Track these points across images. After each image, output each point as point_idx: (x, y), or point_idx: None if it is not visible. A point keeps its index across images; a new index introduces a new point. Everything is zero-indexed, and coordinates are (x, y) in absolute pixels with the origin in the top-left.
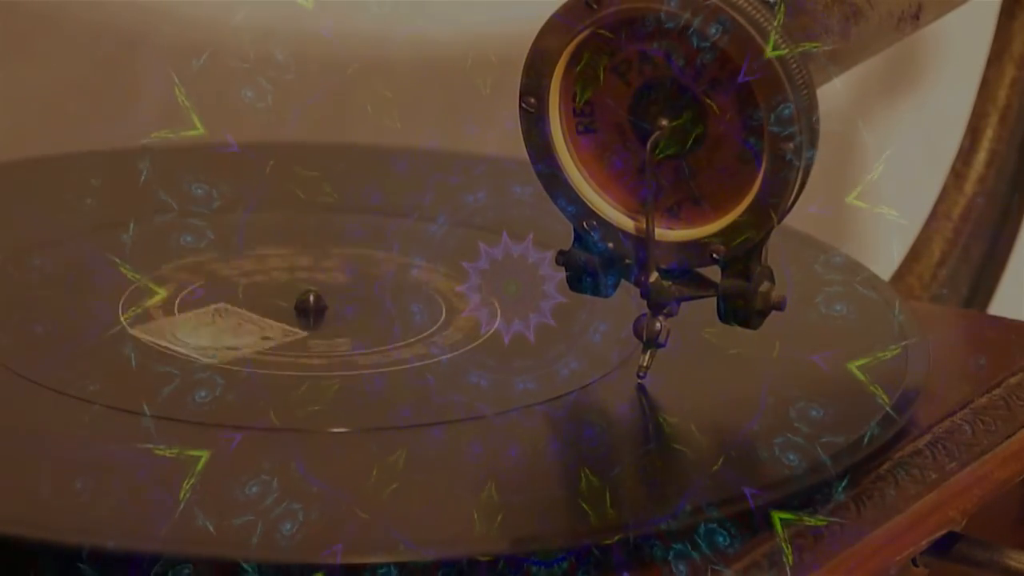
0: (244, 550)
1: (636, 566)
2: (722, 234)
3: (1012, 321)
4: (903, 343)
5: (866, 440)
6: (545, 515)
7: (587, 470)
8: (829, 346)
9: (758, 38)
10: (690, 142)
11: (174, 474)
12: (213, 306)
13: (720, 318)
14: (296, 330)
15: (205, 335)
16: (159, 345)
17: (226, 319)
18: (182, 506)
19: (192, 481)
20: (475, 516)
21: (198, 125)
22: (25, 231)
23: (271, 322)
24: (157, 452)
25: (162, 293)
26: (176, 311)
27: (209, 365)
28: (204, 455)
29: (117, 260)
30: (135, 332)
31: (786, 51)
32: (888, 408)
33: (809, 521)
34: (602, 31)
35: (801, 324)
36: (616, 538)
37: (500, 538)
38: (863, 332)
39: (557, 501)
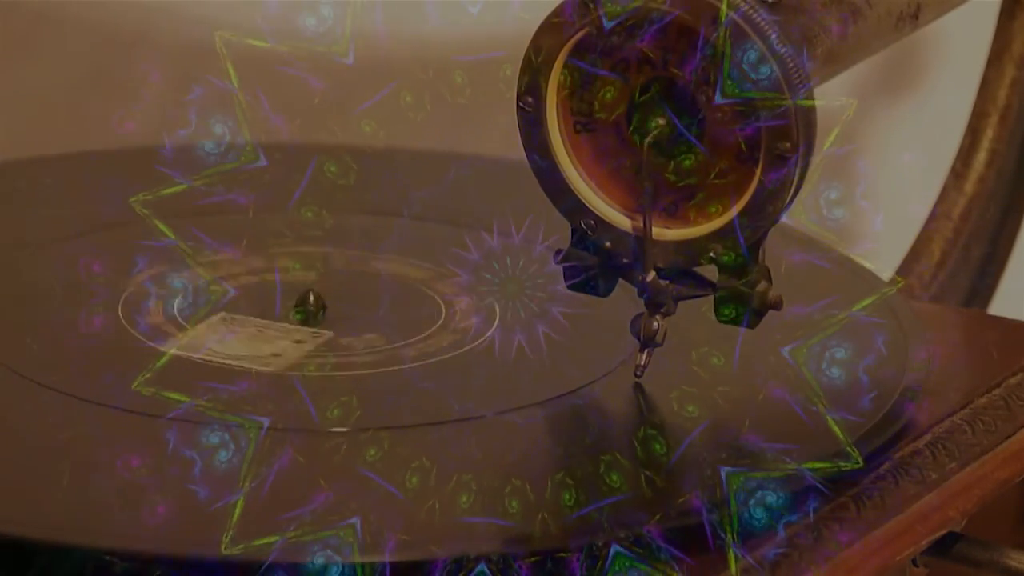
0: (247, 548)
1: (636, 565)
2: (719, 233)
3: (1012, 321)
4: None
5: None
6: (545, 513)
7: (586, 469)
8: (828, 345)
9: (755, 37)
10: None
11: (174, 475)
12: (216, 316)
13: (717, 317)
14: (322, 331)
15: (237, 346)
16: (189, 356)
17: (241, 327)
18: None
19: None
20: (475, 515)
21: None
22: (25, 231)
23: (281, 325)
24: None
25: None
26: (176, 312)
27: (208, 366)
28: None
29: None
30: (141, 336)
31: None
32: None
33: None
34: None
35: (799, 324)
36: (616, 537)
37: (498, 537)
38: (863, 332)
39: (556, 500)
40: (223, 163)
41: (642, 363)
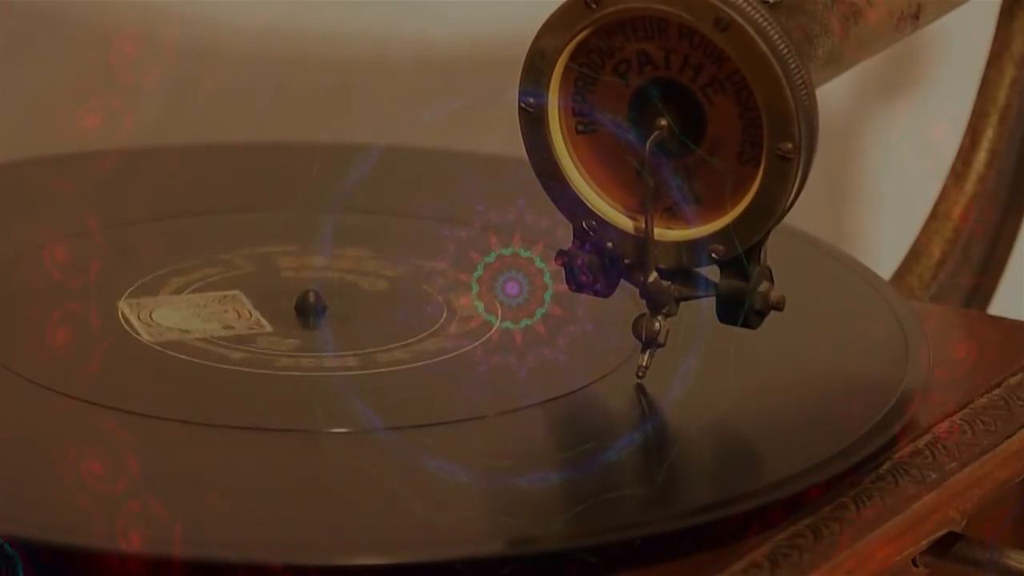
0: (248, 550)
1: (636, 565)
2: (721, 234)
3: (1012, 321)
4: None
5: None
6: (546, 515)
7: (587, 470)
8: (828, 346)
9: (757, 38)
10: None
11: (173, 474)
12: (224, 292)
13: (719, 318)
14: (264, 325)
15: (182, 317)
16: (135, 334)
17: (222, 305)
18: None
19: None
20: (475, 516)
21: None
22: (25, 232)
23: (261, 319)
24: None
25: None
26: (175, 312)
27: (209, 366)
28: None
29: None
30: (135, 331)
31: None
32: None
33: None
34: (601, 31)
35: (801, 324)
36: (616, 538)
37: (500, 538)
38: (863, 332)
39: (557, 501)
40: None
41: (644, 364)
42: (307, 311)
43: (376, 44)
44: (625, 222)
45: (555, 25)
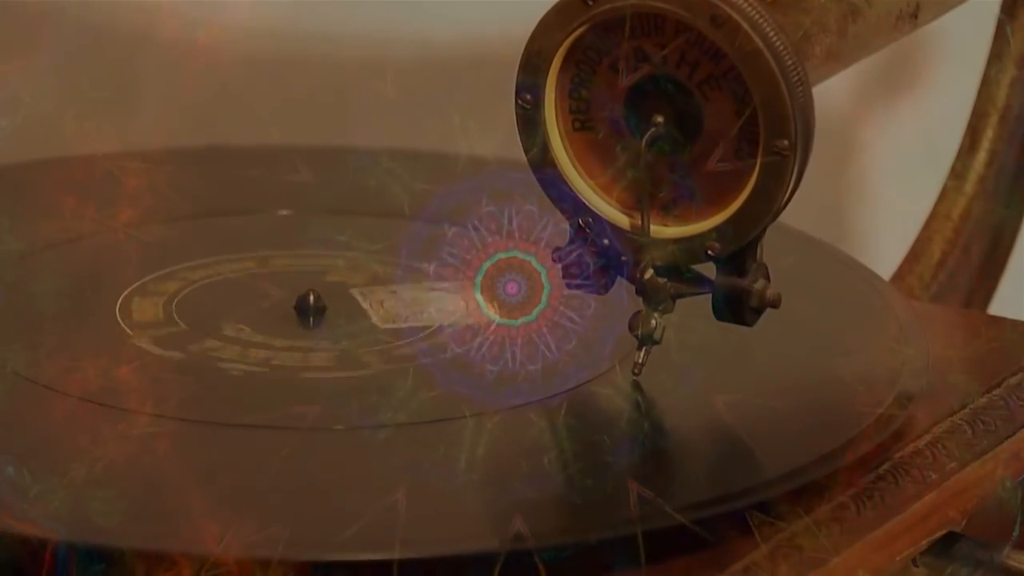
0: (247, 548)
1: (636, 564)
2: (718, 231)
3: (1012, 321)
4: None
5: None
6: (543, 512)
7: (585, 467)
8: (828, 345)
9: (753, 35)
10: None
11: (170, 472)
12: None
13: (715, 315)
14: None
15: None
16: (133, 335)
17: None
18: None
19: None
20: (475, 514)
21: None
22: (26, 233)
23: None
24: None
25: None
26: (175, 312)
27: (209, 366)
28: None
29: None
30: (135, 334)
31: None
32: None
33: None
34: (597, 28)
35: (799, 323)
36: (615, 535)
37: (496, 535)
38: (863, 332)
39: (556, 499)
40: None
41: (640, 361)
42: (307, 311)
43: (375, 44)
44: (621, 219)
45: (551, 22)
